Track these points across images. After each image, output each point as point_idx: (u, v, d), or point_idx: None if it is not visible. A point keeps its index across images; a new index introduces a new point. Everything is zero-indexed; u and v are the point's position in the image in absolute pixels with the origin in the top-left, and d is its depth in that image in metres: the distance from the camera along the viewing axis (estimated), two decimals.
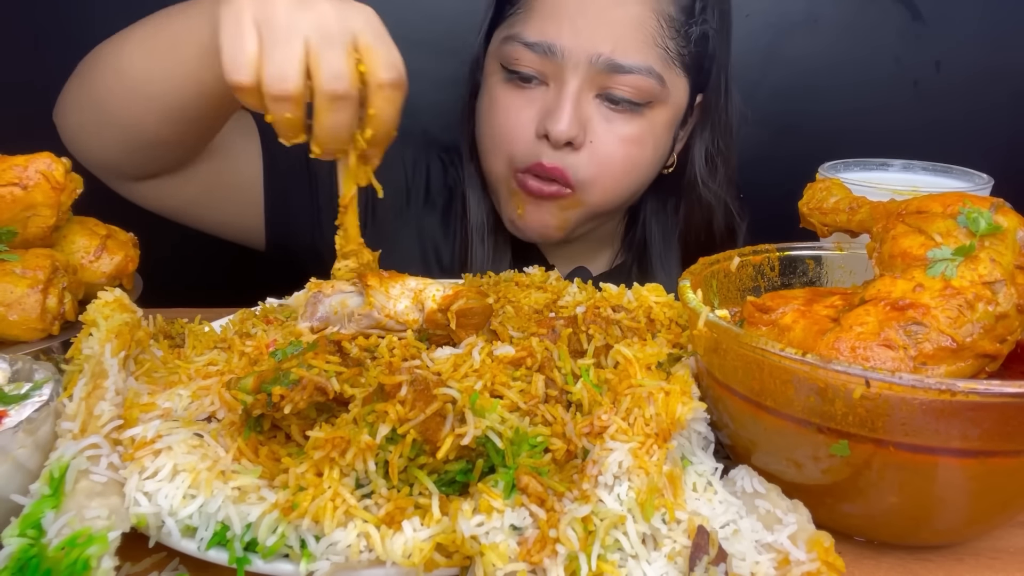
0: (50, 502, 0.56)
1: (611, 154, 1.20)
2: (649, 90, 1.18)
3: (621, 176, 1.24)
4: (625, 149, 1.21)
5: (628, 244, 1.46)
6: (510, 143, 1.21)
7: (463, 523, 0.56)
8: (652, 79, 1.17)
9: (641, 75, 1.16)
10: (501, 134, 1.23)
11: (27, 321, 0.83)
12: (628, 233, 1.47)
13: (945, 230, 0.67)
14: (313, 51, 0.76)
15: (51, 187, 0.88)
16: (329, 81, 0.76)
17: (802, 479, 0.65)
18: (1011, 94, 1.75)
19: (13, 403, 0.66)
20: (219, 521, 0.58)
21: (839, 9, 1.71)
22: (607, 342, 0.77)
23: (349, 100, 0.78)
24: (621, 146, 1.21)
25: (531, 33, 1.19)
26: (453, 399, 0.62)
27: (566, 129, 1.15)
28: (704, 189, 1.35)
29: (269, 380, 0.62)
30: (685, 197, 1.38)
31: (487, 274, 1.04)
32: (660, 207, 1.41)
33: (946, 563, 0.66)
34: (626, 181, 1.25)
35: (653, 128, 1.23)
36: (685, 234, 1.41)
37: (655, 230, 1.42)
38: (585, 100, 1.19)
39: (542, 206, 1.23)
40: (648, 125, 1.22)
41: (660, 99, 1.21)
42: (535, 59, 1.18)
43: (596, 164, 1.20)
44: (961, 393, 0.54)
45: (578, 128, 1.17)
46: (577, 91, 1.17)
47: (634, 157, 1.23)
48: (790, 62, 1.73)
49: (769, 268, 0.87)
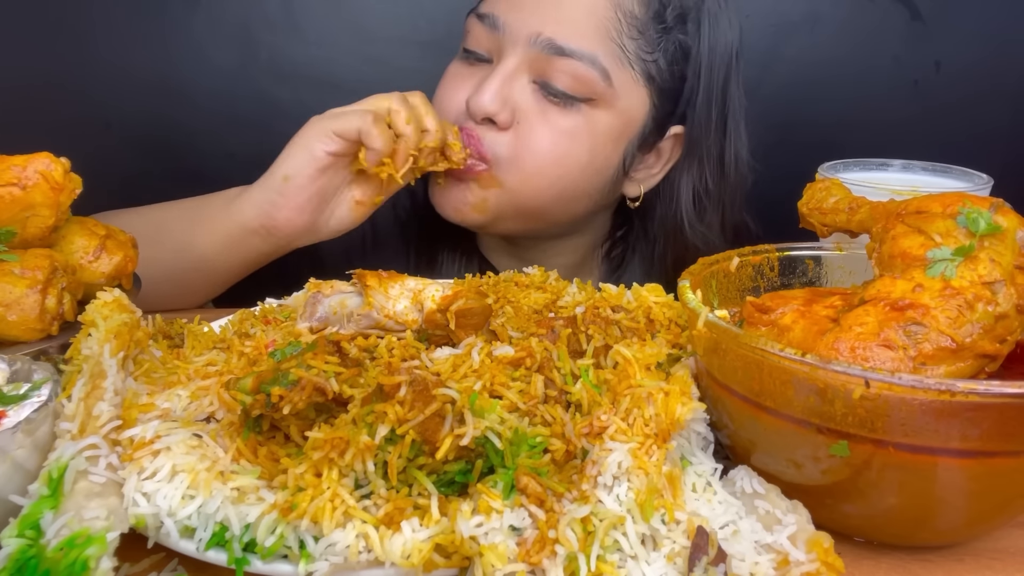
0: (49, 503, 0.56)
1: (538, 140, 1.13)
2: (590, 82, 1.10)
3: (546, 166, 1.14)
4: (554, 138, 1.13)
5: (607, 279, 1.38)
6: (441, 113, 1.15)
7: (462, 524, 0.56)
8: (595, 70, 1.10)
9: (582, 63, 1.09)
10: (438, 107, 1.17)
11: (26, 321, 0.82)
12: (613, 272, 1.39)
13: (945, 230, 0.67)
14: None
15: (50, 187, 0.88)
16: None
17: (802, 479, 0.65)
18: (1011, 94, 1.75)
19: (12, 403, 0.66)
20: (218, 522, 0.58)
21: (839, 9, 1.71)
22: (606, 342, 0.77)
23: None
24: (551, 134, 1.13)
25: (485, 5, 1.17)
26: (452, 399, 0.62)
27: (486, 102, 1.10)
28: (691, 231, 1.26)
29: (268, 380, 0.62)
30: (670, 239, 1.29)
31: (487, 274, 1.04)
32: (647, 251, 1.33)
33: (946, 563, 0.66)
34: (552, 173, 1.15)
35: (591, 128, 1.14)
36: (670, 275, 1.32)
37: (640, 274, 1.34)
38: (519, 83, 1.12)
39: (460, 181, 1.16)
40: (585, 123, 1.14)
41: (604, 98, 1.13)
42: (483, 33, 1.15)
43: (519, 146, 1.13)
44: (961, 393, 0.54)
45: (501, 105, 1.11)
46: (512, 70, 1.12)
47: (563, 149, 1.14)
48: (790, 62, 1.73)
49: (769, 268, 0.87)
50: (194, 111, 1.70)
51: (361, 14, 1.72)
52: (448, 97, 1.18)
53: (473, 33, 1.17)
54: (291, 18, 1.72)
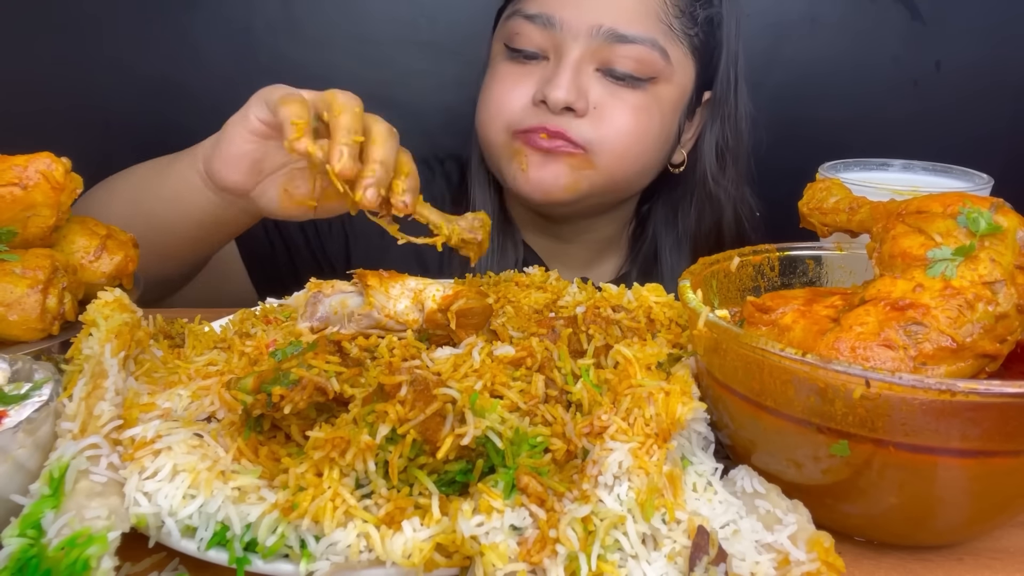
0: (50, 502, 0.56)
1: (618, 119, 1.19)
2: (652, 63, 1.18)
3: (632, 142, 1.22)
4: (632, 116, 1.20)
5: (635, 254, 1.44)
6: (508, 110, 1.21)
7: (463, 523, 0.56)
8: (656, 51, 1.17)
9: (644, 46, 1.16)
10: (499, 103, 1.23)
11: (27, 321, 0.82)
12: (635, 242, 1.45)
13: (945, 230, 0.67)
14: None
15: (51, 187, 0.88)
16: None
17: (802, 479, 0.65)
18: (1011, 94, 1.75)
19: (13, 403, 0.66)
20: (219, 521, 0.58)
21: (839, 9, 1.71)
22: (607, 342, 0.77)
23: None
24: (628, 112, 1.20)
25: (532, 6, 1.20)
26: (453, 399, 0.62)
27: (564, 94, 1.15)
28: (714, 185, 1.35)
29: (269, 380, 0.62)
30: (696, 195, 1.37)
31: (487, 274, 1.04)
32: (670, 213, 1.40)
33: (946, 563, 0.66)
34: (636, 150, 1.23)
35: (659, 102, 1.22)
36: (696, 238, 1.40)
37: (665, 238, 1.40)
38: (586, 72, 1.18)
39: (549, 163, 1.21)
40: (653, 99, 1.21)
41: (664, 76, 1.20)
42: (535, 32, 1.19)
43: (603, 127, 1.19)
44: (961, 393, 0.54)
45: (577, 94, 1.16)
46: (577, 61, 1.17)
47: (643, 124, 1.21)
48: (790, 62, 1.73)
49: (769, 268, 0.87)
50: (194, 111, 1.70)
51: (361, 15, 1.72)
52: (509, 96, 1.22)
53: (524, 33, 1.20)
54: (291, 19, 1.72)
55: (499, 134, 1.24)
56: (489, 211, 1.35)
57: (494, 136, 1.25)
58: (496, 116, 1.24)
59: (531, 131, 1.19)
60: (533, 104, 1.19)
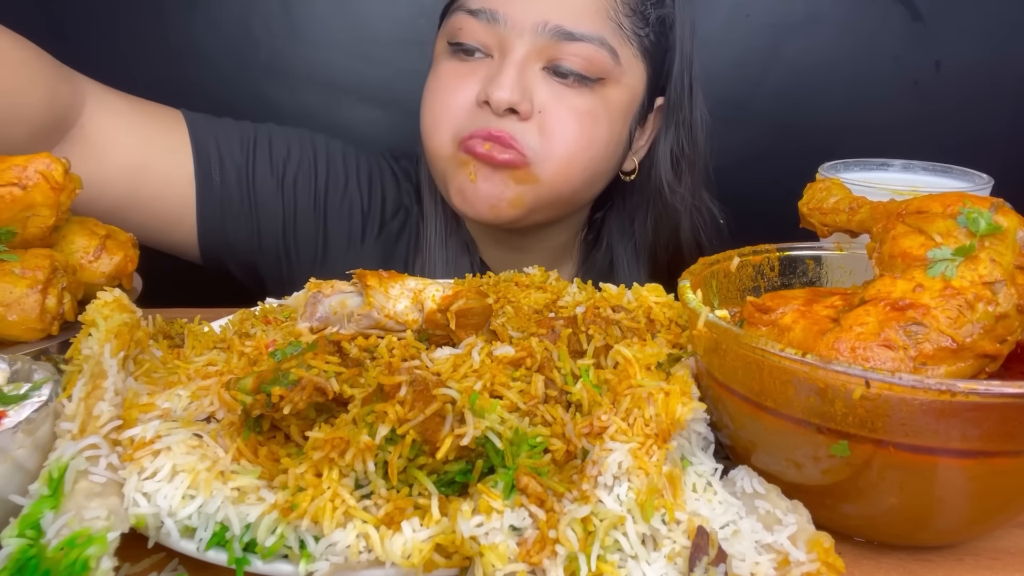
0: (49, 502, 0.56)
1: (563, 126, 1.13)
2: (601, 63, 1.13)
3: (578, 151, 1.15)
4: (579, 121, 1.14)
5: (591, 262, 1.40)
6: (452, 113, 1.15)
7: (462, 524, 0.56)
8: (604, 50, 1.12)
9: (592, 44, 1.11)
10: (442, 105, 1.17)
11: (26, 321, 0.82)
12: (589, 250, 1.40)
13: (945, 230, 0.67)
14: None
15: (50, 187, 0.88)
16: None
17: (802, 479, 0.65)
18: (1011, 94, 1.75)
19: (12, 403, 0.66)
20: (218, 521, 0.58)
21: (839, 9, 1.71)
22: (607, 342, 0.77)
23: None
24: (574, 118, 1.14)
25: (475, 1, 1.14)
26: (453, 399, 0.62)
27: (508, 94, 1.09)
28: (671, 194, 1.30)
29: (268, 380, 0.62)
30: (651, 205, 1.32)
31: (487, 274, 1.04)
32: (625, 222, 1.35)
33: (946, 563, 0.66)
34: (584, 158, 1.16)
35: (607, 106, 1.16)
36: (653, 247, 1.36)
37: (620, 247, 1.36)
38: (531, 71, 1.13)
39: (495, 176, 1.14)
40: (601, 102, 1.15)
41: (613, 76, 1.15)
42: (479, 28, 1.14)
43: (548, 135, 1.13)
44: (961, 393, 0.54)
45: (521, 95, 1.11)
46: (522, 59, 1.12)
47: (589, 132, 1.15)
48: (790, 62, 1.73)
49: (769, 268, 0.87)
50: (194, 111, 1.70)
51: (361, 15, 1.72)
52: (452, 96, 1.16)
53: (466, 29, 1.15)
54: (291, 19, 1.72)
55: (445, 140, 1.17)
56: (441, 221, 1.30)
57: (439, 143, 1.18)
58: (440, 119, 1.17)
59: (474, 137, 1.13)
60: (476, 104, 1.14)
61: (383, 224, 1.34)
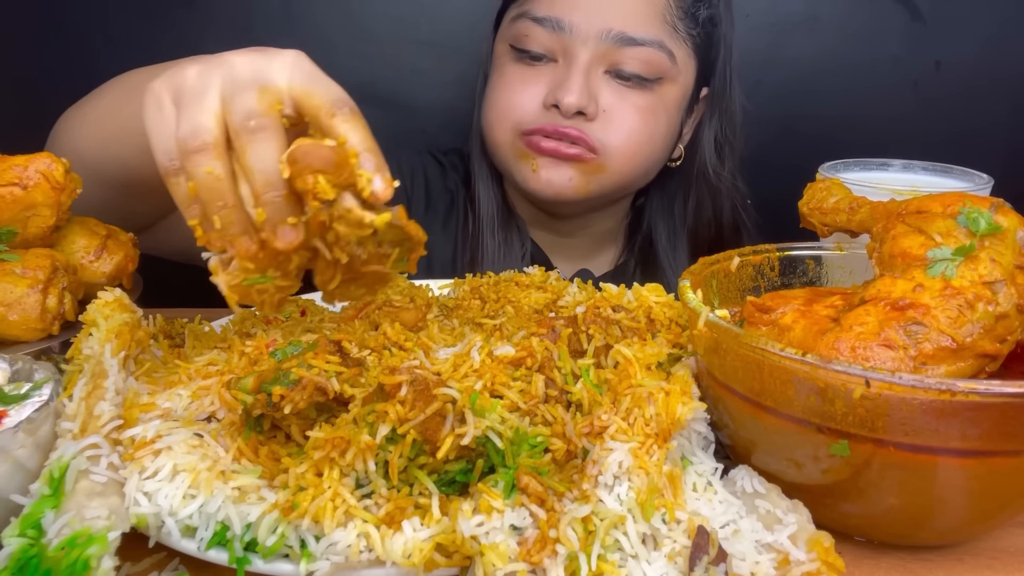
0: (50, 502, 0.56)
1: (628, 124, 1.22)
2: (660, 65, 1.20)
3: (643, 143, 1.25)
4: (641, 118, 1.23)
5: (631, 244, 1.47)
6: (518, 112, 1.23)
7: (463, 523, 0.56)
8: (663, 53, 1.20)
9: (652, 48, 1.19)
10: (508, 105, 1.25)
11: (27, 321, 0.83)
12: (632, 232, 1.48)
13: (945, 230, 0.67)
14: (225, 101, 0.66)
15: (51, 187, 0.88)
16: (241, 120, 0.65)
17: (802, 479, 0.65)
18: (1011, 94, 1.75)
19: (13, 403, 0.66)
20: (219, 521, 0.58)
21: (839, 9, 1.71)
22: (607, 342, 0.77)
23: (268, 131, 0.65)
24: (637, 115, 1.22)
25: (540, 8, 1.21)
26: (453, 399, 0.62)
27: (576, 99, 1.17)
28: (715, 177, 1.38)
29: (269, 380, 0.62)
30: (695, 188, 1.40)
31: (487, 274, 1.04)
32: (666, 204, 1.43)
33: (946, 563, 0.66)
34: (647, 150, 1.26)
35: (664, 103, 1.25)
36: (694, 230, 1.43)
37: (661, 228, 1.43)
38: (595, 75, 1.20)
39: (560, 166, 1.23)
40: (659, 100, 1.24)
41: (670, 76, 1.23)
42: (544, 35, 1.21)
43: (615, 130, 1.21)
44: (961, 393, 0.54)
45: (588, 99, 1.18)
46: (587, 64, 1.19)
47: (651, 127, 1.24)
48: (790, 62, 1.73)
49: (769, 268, 0.87)
50: None
51: (361, 14, 1.72)
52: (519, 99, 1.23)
53: (531, 35, 1.22)
54: (291, 18, 1.72)
55: (506, 134, 1.26)
56: (493, 206, 1.38)
57: (501, 136, 1.27)
58: (505, 116, 1.25)
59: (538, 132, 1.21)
60: (544, 107, 1.22)
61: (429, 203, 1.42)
